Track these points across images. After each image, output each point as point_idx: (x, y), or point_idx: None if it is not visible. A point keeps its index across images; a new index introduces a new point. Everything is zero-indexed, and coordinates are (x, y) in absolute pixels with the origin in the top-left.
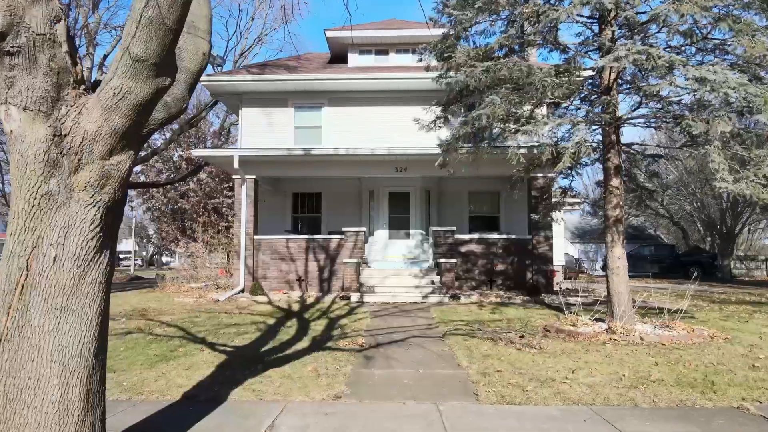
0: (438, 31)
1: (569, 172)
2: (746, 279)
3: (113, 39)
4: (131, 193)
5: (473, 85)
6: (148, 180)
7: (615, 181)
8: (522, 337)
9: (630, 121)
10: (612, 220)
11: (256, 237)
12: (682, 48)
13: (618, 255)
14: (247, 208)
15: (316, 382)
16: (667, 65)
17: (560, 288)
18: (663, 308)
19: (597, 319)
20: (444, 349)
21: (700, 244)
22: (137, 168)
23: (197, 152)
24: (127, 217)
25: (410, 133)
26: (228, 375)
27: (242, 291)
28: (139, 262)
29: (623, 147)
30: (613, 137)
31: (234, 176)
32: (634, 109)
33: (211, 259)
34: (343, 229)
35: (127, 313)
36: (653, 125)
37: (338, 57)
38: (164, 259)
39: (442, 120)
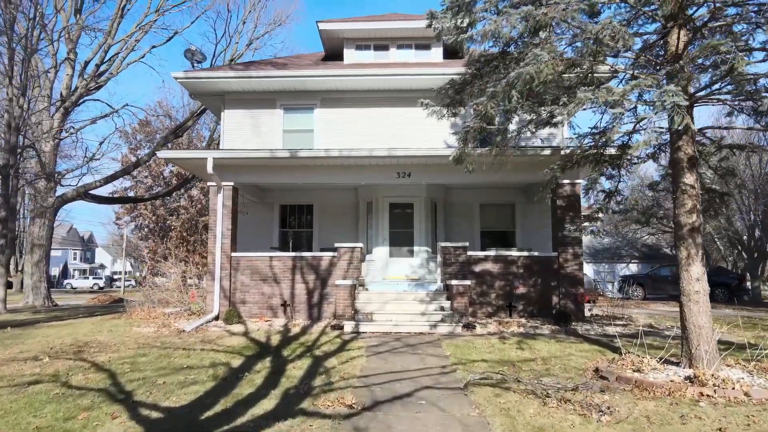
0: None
1: (615, 172)
2: None
3: (96, 45)
4: (118, 209)
5: (506, 37)
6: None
7: (689, 177)
8: (575, 390)
9: (711, 97)
10: (687, 228)
11: (233, 254)
12: None
13: (696, 276)
14: (223, 221)
15: None
16: None
17: (592, 314)
18: (726, 342)
19: (667, 362)
20: (471, 413)
21: (721, 264)
22: (126, 184)
23: (163, 154)
24: (119, 236)
25: (414, 137)
26: None
27: (216, 318)
28: (133, 282)
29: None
30: (686, 120)
31: (209, 183)
32: (715, 80)
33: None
34: (336, 245)
35: (61, 349)
36: (741, 101)
37: (333, 55)
38: (157, 279)
39: (457, 105)
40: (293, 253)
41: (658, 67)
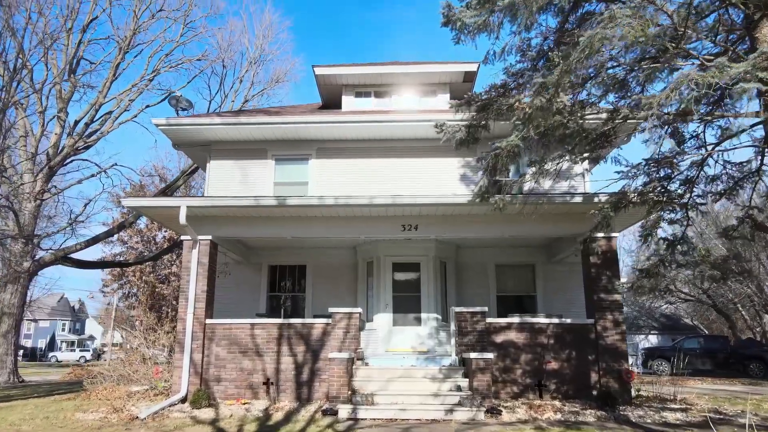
0: (455, 67)
1: (678, 212)
2: None
3: (84, 100)
4: (105, 277)
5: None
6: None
7: None
8: None
9: None
10: None
11: (208, 321)
12: None
13: None
14: (198, 281)
15: None
16: None
17: (638, 394)
18: None
19: None
20: None
21: (746, 335)
22: (117, 249)
23: (128, 202)
24: (108, 305)
25: (421, 190)
26: None
27: (183, 400)
28: (122, 355)
29: None
30: None
31: (182, 237)
32: None
33: None
34: (331, 310)
35: None
36: None
37: (330, 103)
38: (149, 351)
39: (479, 128)
40: (279, 320)
41: None
